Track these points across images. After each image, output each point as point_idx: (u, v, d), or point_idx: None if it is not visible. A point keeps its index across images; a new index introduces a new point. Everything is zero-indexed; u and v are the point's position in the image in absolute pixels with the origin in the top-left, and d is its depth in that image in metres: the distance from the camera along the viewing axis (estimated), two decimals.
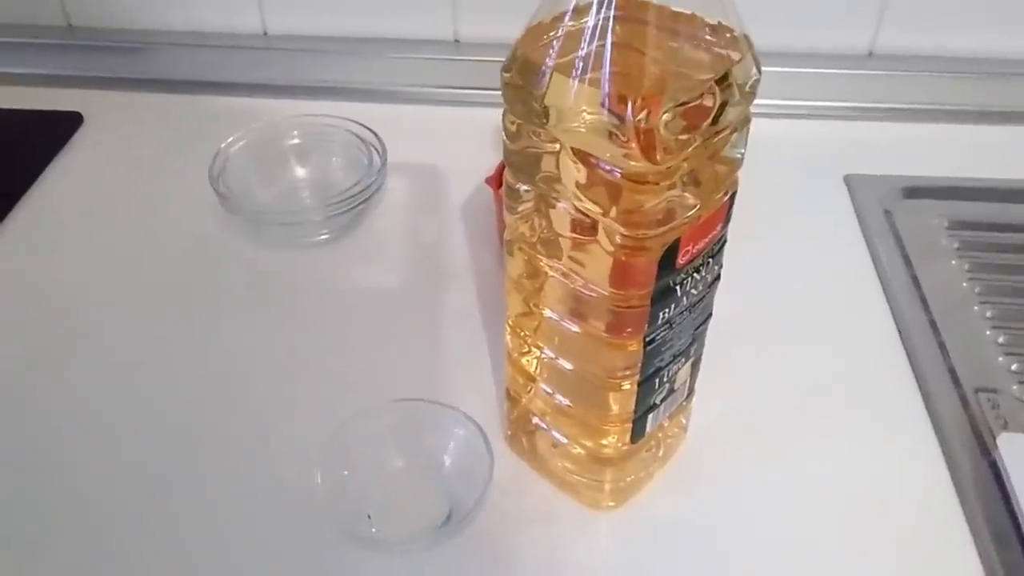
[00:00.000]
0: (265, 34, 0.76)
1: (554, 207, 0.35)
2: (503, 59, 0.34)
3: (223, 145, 0.61)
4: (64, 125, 0.70)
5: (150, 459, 0.47)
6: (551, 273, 0.37)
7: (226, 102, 0.73)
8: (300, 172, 0.64)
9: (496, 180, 0.56)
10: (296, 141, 0.64)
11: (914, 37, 0.72)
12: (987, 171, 0.65)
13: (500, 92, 0.34)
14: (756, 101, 0.34)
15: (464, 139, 0.68)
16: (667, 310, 0.37)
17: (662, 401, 0.41)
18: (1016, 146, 0.69)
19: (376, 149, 0.62)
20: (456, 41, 0.75)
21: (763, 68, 0.34)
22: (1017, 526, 0.44)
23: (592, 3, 0.31)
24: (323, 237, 0.60)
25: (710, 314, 0.41)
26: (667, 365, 0.39)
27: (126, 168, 0.67)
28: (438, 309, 0.56)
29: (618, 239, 0.33)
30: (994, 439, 0.47)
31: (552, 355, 0.40)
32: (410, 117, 0.71)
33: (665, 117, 0.30)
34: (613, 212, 0.33)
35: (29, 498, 0.45)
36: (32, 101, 0.71)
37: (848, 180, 0.65)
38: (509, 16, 0.35)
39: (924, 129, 0.70)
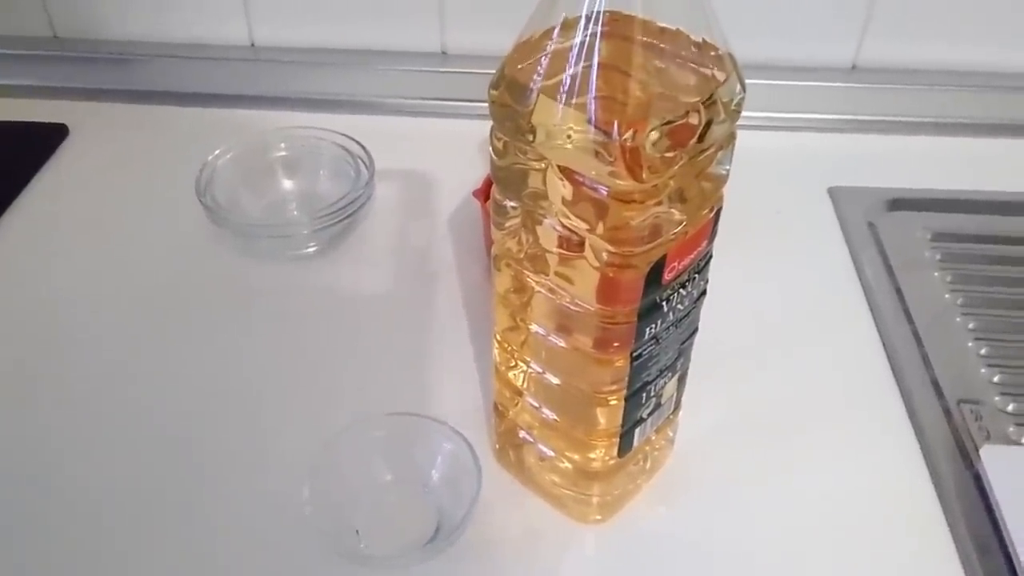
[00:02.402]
0: (252, 46, 0.76)
1: (541, 223, 0.35)
2: (491, 71, 0.34)
3: (210, 157, 0.61)
4: (50, 137, 0.70)
5: (135, 474, 0.47)
6: (538, 289, 0.37)
7: (213, 114, 0.72)
8: (287, 185, 0.64)
9: (483, 193, 0.57)
10: (283, 153, 0.64)
11: (898, 50, 0.73)
12: (971, 183, 0.66)
13: (487, 105, 0.35)
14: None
15: (452, 151, 0.68)
16: (654, 325, 0.37)
17: (649, 415, 0.41)
18: (1000, 158, 0.70)
19: (363, 161, 0.62)
20: (443, 53, 0.75)
21: (747, 80, 0.34)
22: (1000, 537, 0.44)
23: (580, 19, 0.31)
24: (310, 250, 0.60)
25: (696, 329, 0.41)
26: (654, 380, 0.40)
27: (112, 180, 0.67)
28: (426, 322, 0.56)
29: (605, 256, 0.34)
30: (977, 451, 0.48)
31: (539, 369, 0.41)
32: (397, 129, 0.71)
33: (651, 136, 0.31)
34: (600, 229, 0.33)
35: (11, 508, 0.45)
36: (17, 112, 0.71)
37: (832, 192, 0.66)
38: (496, 28, 0.35)
39: (908, 141, 0.71)
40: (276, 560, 0.43)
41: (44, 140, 0.69)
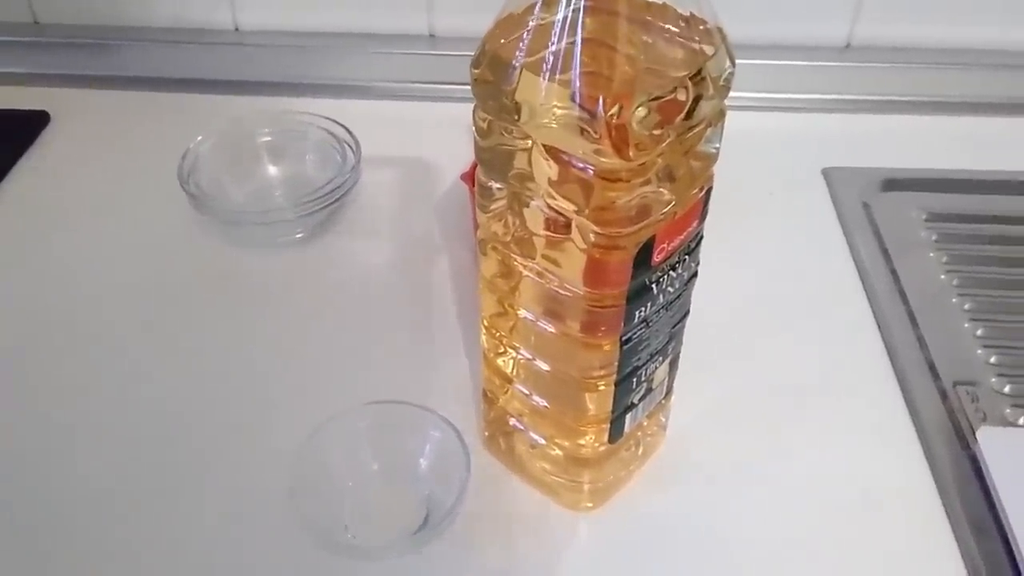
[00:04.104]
0: (236, 30, 0.75)
1: (527, 205, 0.34)
2: None
3: (193, 144, 0.60)
4: (30, 124, 0.69)
5: (118, 465, 0.46)
6: (525, 272, 0.37)
7: (196, 99, 0.71)
8: (273, 170, 0.63)
9: (471, 177, 0.56)
10: (268, 139, 0.63)
11: (891, 28, 0.72)
12: (965, 163, 0.65)
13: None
14: (733, 94, 0.34)
15: (439, 135, 0.67)
16: (643, 309, 0.36)
17: (640, 400, 0.41)
18: (995, 137, 0.69)
19: (350, 146, 0.61)
20: (431, 35, 0.74)
21: (740, 60, 0.34)
22: (997, 519, 0.44)
23: None
24: (297, 236, 0.59)
25: (687, 312, 0.41)
26: (644, 364, 0.39)
27: (94, 168, 0.65)
28: (413, 308, 0.55)
29: (592, 237, 0.33)
30: (973, 433, 0.47)
31: (528, 356, 0.40)
32: (384, 113, 0.70)
33: (638, 112, 0.30)
34: (586, 210, 0.32)
35: None
36: None
37: (826, 173, 0.65)
38: (485, 10, 0.34)
39: (902, 121, 0.70)
40: (263, 553, 0.43)
41: (25, 127, 0.68)
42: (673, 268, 0.36)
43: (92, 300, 0.55)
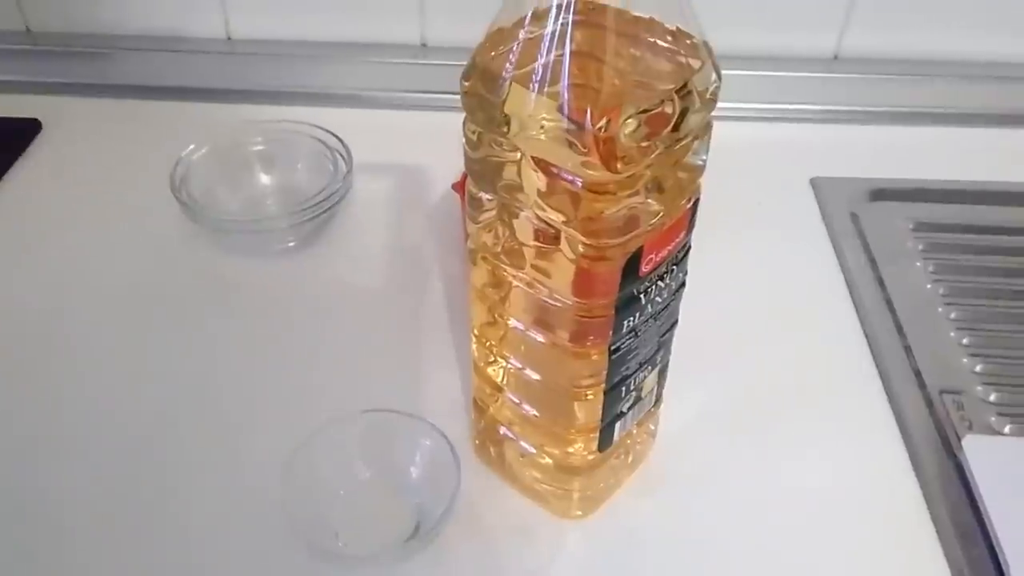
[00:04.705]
0: (229, 39, 0.75)
1: (517, 216, 0.35)
2: None
3: (185, 152, 0.60)
4: (22, 132, 0.69)
5: (109, 474, 0.46)
6: (515, 283, 0.37)
7: (188, 108, 0.72)
8: (264, 179, 0.63)
9: (462, 186, 0.56)
10: (260, 147, 0.63)
11: (880, 40, 0.73)
12: (952, 173, 0.66)
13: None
14: (721, 104, 0.34)
15: (431, 144, 0.67)
16: (632, 318, 0.36)
17: (629, 409, 0.41)
18: (982, 148, 0.69)
19: (342, 155, 0.61)
20: (423, 45, 0.75)
21: (729, 71, 0.34)
22: (982, 525, 0.44)
23: (551, 8, 0.31)
24: (288, 245, 0.59)
25: (676, 321, 0.41)
26: (633, 373, 0.39)
27: (86, 176, 0.66)
28: (405, 317, 0.55)
29: (580, 248, 0.33)
30: (959, 440, 0.48)
31: (518, 365, 0.40)
32: (376, 122, 0.70)
33: (625, 125, 0.30)
34: (574, 221, 0.32)
35: None
36: None
37: (814, 183, 0.66)
38: (477, 20, 0.35)
39: (890, 132, 0.71)
40: (253, 562, 0.43)
41: (17, 135, 0.68)
42: (661, 278, 0.36)
43: (83, 308, 0.55)
